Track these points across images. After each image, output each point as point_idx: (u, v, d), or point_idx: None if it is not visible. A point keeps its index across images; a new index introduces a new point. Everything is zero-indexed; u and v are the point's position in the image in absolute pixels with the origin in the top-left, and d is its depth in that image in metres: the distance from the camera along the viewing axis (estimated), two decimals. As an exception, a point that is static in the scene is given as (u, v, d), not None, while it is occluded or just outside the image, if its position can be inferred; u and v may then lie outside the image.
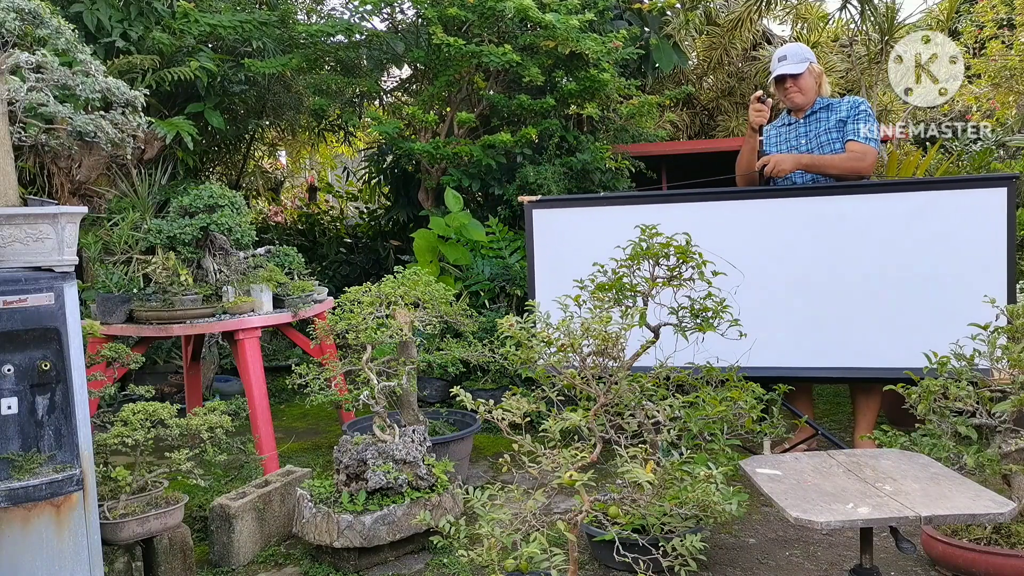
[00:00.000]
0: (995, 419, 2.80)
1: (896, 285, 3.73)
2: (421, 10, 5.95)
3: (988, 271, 3.56)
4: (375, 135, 6.98)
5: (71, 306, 2.45)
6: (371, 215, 8.46)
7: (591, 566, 3.05)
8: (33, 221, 2.43)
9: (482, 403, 2.51)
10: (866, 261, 3.76)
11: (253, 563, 3.17)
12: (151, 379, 4.97)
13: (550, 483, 2.39)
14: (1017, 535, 2.71)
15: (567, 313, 2.81)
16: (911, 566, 2.95)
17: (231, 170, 8.46)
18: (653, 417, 2.91)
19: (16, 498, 2.34)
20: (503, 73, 6.32)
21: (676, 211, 4.13)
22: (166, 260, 3.82)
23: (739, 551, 3.15)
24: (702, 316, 2.93)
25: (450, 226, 5.75)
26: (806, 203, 3.88)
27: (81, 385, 2.48)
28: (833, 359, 3.88)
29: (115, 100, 2.95)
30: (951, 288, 3.61)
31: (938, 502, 2.06)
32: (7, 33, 2.56)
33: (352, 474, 3.14)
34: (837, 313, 3.83)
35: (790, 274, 3.89)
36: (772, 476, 2.34)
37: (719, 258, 2.93)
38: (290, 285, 4.16)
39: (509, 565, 2.33)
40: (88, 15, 5.53)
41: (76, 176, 5.55)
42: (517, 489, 2.47)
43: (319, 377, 3.37)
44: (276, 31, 6.55)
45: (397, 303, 3.37)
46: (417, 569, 3.07)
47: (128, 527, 2.79)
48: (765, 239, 3.94)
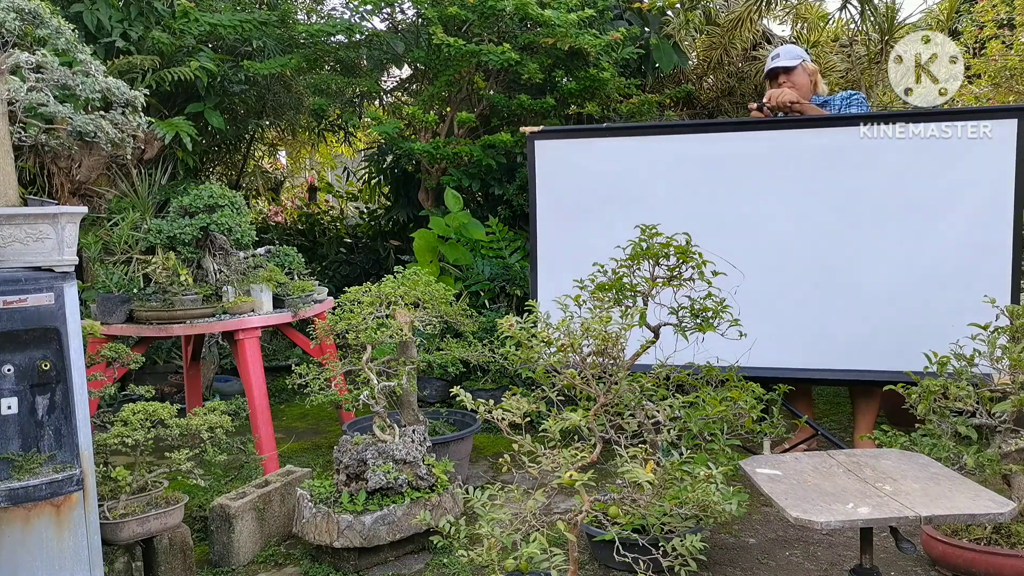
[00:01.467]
0: (995, 419, 2.80)
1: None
2: (421, 10, 5.96)
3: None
4: (375, 135, 6.98)
5: (71, 306, 2.46)
6: (371, 215, 8.46)
7: (591, 566, 3.05)
8: (33, 221, 2.43)
9: (482, 403, 2.50)
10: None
11: (253, 563, 3.17)
12: (151, 379, 4.96)
13: (550, 483, 2.39)
14: (1017, 535, 2.71)
15: (567, 313, 2.81)
16: (911, 566, 2.95)
17: (231, 170, 8.46)
18: (653, 417, 2.91)
19: (16, 498, 2.34)
20: (503, 73, 6.32)
21: (681, 144, 4.09)
22: (166, 260, 3.82)
23: (739, 551, 3.15)
24: (702, 316, 2.93)
25: (450, 226, 5.75)
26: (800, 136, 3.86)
27: (81, 385, 2.48)
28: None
29: (115, 100, 2.95)
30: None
31: (938, 502, 2.06)
32: (7, 33, 2.56)
33: (352, 474, 3.14)
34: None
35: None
36: (772, 476, 2.34)
37: (719, 258, 2.93)
38: (290, 285, 4.16)
39: (509, 565, 2.33)
40: (88, 15, 5.53)
41: (76, 176, 5.54)
42: (517, 489, 2.47)
43: (319, 377, 3.37)
44: (276, 31, 6.55)
45: (397, 303, 3.37)
46: (417, 569, 3.07)
47: (128, 527, 2.79)
48: (764, 176, 3.94)
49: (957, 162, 3.68)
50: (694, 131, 4.21)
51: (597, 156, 4.20)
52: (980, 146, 3.65)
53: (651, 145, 4.12)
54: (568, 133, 4.41)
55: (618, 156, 4.15)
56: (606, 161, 4.17)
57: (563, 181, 4.26)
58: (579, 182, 4.22)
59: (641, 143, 4.14)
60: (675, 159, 4.06)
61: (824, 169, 3.83)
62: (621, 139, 4.20)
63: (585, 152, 4.24)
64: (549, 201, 4.28)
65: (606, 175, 4.17)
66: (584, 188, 4.20)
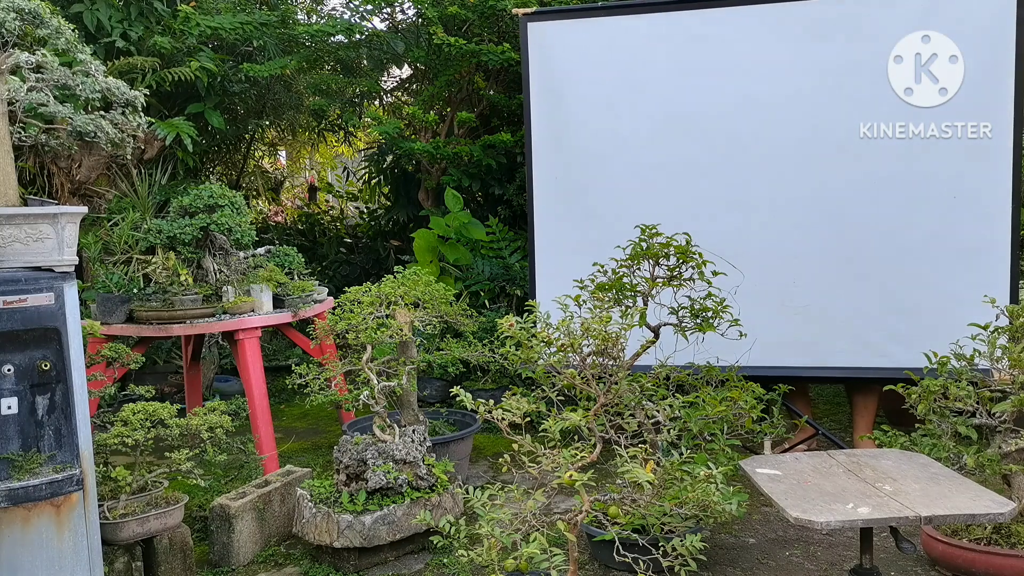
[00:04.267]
0: (995, 419, 2.80)
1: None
2: (421, 9, 5.96)
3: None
4: (375, 135, 6.98)
5: (71, 306, 2.45)
6: (371, 215, 8.46)
7: (591, 566, 3.05)
8: (33, 221, 2.43)
9: (482, 403, 2.50)
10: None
11: (253, 563, 3.17)
12: (151, 379, 4.97)
13: (550, 483, 2.39)
14: (1017, 535, 2.71)
15: (567, 312, 2.81)
16: (911, 566, 2.94)
17: (231, 170, 8.45)
18: (653, 417, 2.91)
19: (16, 498, 2.34)
20: (503, 72, 6.32)
21: (687, 19, 3.98)
22: (166, 260, 3.82)
23: (739, 551, 3.15)
24: (702, 316, 2.93)
25: (450, 226, 5.75)
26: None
27: (81, 385, 2.48)
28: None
29: (115, 100, 2.95)
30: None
31: (938, 502, 2.06)
32: (7, 33, 2.56)
33: (352, 474, 3.14)
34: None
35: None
36: (772, 476, 2.34)
37: (719, 258, 2.93)
38: (290, 285, 4.16)
39: (509, 565, 2.33)
40: (88, 15, 5.53)
41: (76, 176, 5.54)
42: (517, 489, 2.47)
43: (319, 377, 3.37)
44: (276, 31, 6.55)
45: (397, 303, 3.37)
46: (417, 569, 3.07)
47: (128, 527, 2.79)
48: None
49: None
50: (697, 5, 3.97)
51: (598, 39, 3.99)
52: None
53: (660, 24, 3.93)
54: (565, 14, 4.15)
55: (622, 39, 3.95)
56: (608, 47, 3.97)
57: (560, 68, 4.04)
58: (578, 69, 4.01)
59: (644, 22, 3.95)
60: (684, 39, 3.96)
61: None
62: (627, 18, 3.96)
63: (584, 34, 4.01)
64: (544, 95, 4.07)
65: (608, 62, 3.99)
66: (583, 77, 4.01)
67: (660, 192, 4.00)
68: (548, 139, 4.17)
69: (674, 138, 3.98)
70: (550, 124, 4.15)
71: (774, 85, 3.88)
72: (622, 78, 4.05)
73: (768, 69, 3.89)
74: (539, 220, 4.27)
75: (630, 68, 4.03)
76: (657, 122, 4.03)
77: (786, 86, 3.87)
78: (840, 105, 3.82)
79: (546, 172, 4.18)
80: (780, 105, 3.89)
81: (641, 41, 4.01)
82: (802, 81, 3.86)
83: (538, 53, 4.12)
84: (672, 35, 3.98)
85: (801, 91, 3.87)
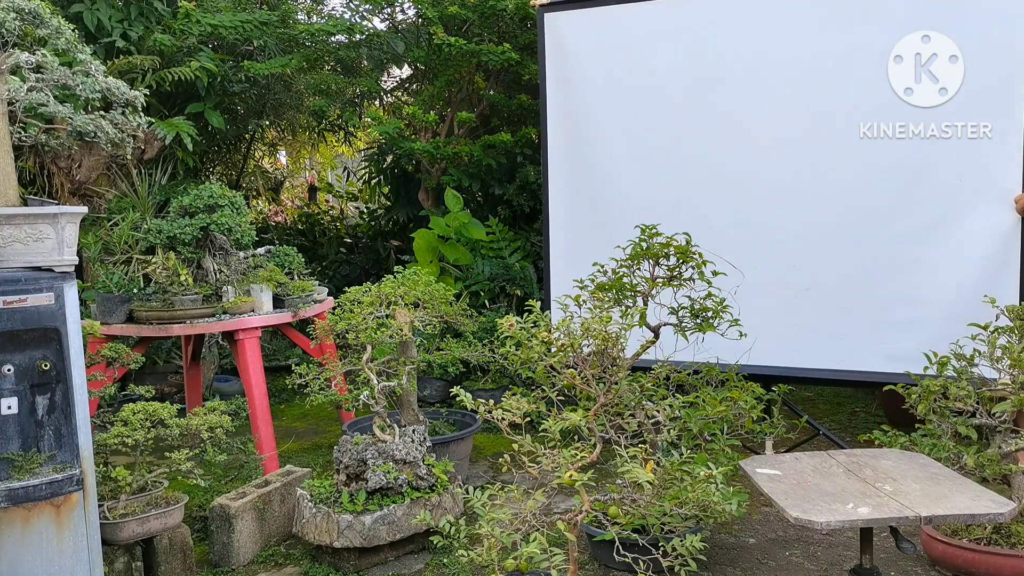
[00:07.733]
0: (995, 419, 2.80)
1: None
2: (421, 9, 5.96)
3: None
4: (375, 135, 6.98)
5: (71, 306, 2.45)
6: (371, 215, 8.45)
7: (591, 566, 3.05)
8: (33, 221, 2.43)
9: (482, 403, 2.50)
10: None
11: (253, 563, 3.17)
12: (151, 379, 4.97)
13: (550, 483, 2.39)
14: (1017, 535, 2.71)
15: (567, 313, 2.81)
16: (911, 566, 2.95)
17: (231, 170, 8.45)
18: (653, 417, 2.91)
19: (16, 498, 2.34)
20: (503, 72, 6.32)
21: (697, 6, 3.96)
22: (166, 260, 3.82)
23: (739, 551, 3.15)
24: (702, 316, 2.93)
25: (450, 226, 5.75)
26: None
27: (81, 385, 2.48)
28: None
29: (115, 100, 2.95)
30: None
31: (938, 502, 2.06)
32: (7, 33, 2.56)
33: (352, 474, 3.14)
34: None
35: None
36: (772, 476, 2.34)
37: (719, 258, 2.93)
38: (290, 285, 4.16)
39: (509, 565, 2.33)
40: (88, 15, 5.53)
41: (76, 176, 5.54)
42: (517, 489, 2.47)
43: (319, 377, 3.37)
44: (277, 30, 6.55)
45: (397, 303, 3.37)
46: (417, 569, 3.07)
47: (128, 527, 2.79)
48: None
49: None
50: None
51: (618, 27, 3.95)
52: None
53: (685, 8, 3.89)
54: (583, 2, 4.07)
55: (634, 28, 3.90)
56: (621, 35, 3.93)
57: (576, 57, 3.98)
58: (592, 59, 3.95)
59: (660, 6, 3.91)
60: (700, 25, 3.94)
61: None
62: (645, 4, 3.93)
63: (603, 22, 3.97)
64: (560, 85, 4.01)
65: (621, 48, 3.94)
66: (598, 67, 3.96)
67: (669, 180, 4.00)
68: (563, 130, 4.13)
69: (686, 131, 3.97)
70: (566, 115, 4.11)
71: (782, 77, 3.90)
72: (634, 66, 4.01)
73: (779, 55, 3.90)
74: (553, 213, 4.25)
75: (641, 56, 4.01)
76: (668, 110, 4.00)
77: (794, 77, 3.89)
78: (840, 105, 3.82)
79: (561, 165, 4.12)
80: (781, 105, 3.89)
81: (653, 28, 4.00)
82: (803, 80, 3.86)
83: (554, 44, 4.09)
84: (683, 24, 3.99)
85: (801, 91, 3.86)
